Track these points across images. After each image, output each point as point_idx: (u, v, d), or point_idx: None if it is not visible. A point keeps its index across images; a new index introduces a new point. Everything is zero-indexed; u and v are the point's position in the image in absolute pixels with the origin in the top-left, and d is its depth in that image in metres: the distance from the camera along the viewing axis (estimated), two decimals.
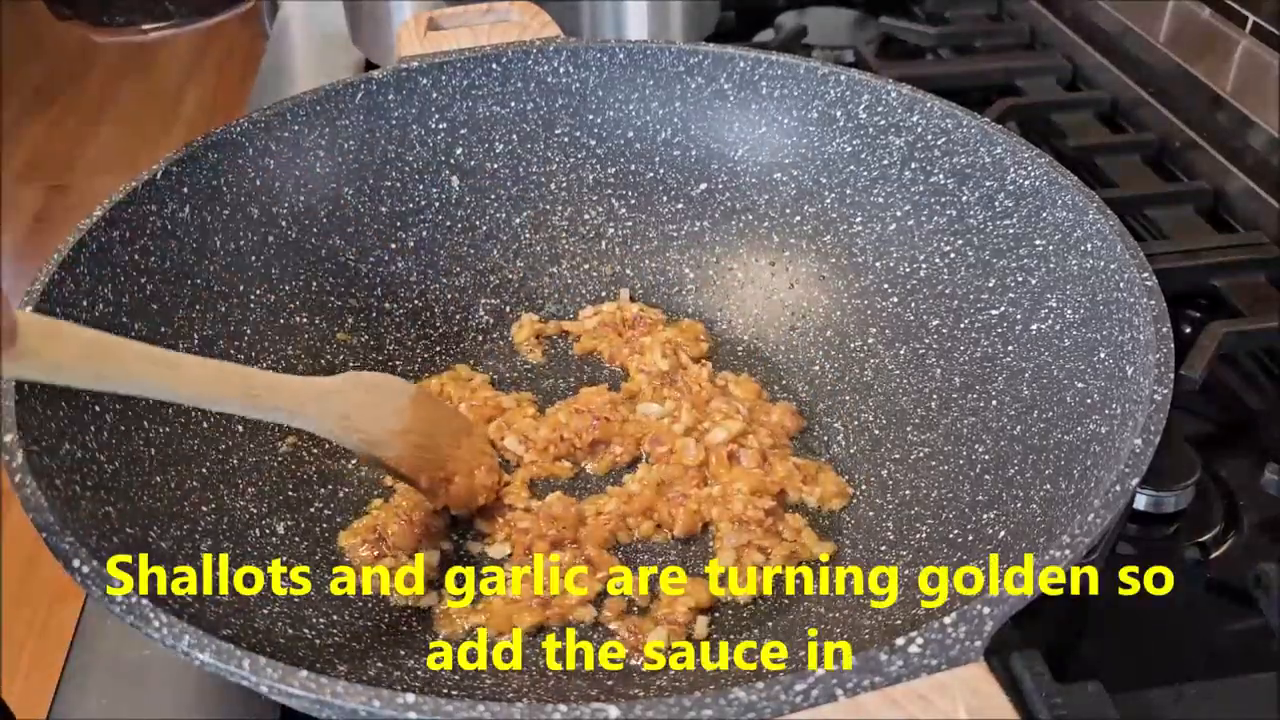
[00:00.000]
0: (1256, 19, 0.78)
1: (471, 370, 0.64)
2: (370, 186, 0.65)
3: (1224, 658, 0.52)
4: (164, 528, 0.47)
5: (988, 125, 0.58)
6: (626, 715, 0.32)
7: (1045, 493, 0.47)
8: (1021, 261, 0.56)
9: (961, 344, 0.58)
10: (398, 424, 0.52)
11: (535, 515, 0.55)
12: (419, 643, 0.50)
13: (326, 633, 0.48)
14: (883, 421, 0.59)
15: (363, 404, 0.51)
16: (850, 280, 0.64)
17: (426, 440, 0.54)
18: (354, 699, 0.33)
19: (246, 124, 0.60)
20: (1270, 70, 0.76)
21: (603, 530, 0.54)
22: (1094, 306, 0.51)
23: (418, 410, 0.54)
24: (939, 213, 0.60)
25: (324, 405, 0.49)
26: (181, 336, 0.55)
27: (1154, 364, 0.45)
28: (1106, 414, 0.47)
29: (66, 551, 0.38)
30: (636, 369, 0.63)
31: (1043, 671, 0.44)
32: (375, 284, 0.65)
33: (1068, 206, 0.54)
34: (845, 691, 0.33)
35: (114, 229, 0.53)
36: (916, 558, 0.51)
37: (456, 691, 0.47)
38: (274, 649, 0.44)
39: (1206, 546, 0.57)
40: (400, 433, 0.52)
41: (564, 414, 0.60)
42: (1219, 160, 0.79)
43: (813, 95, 0.64)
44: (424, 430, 0.54)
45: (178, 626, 0.36)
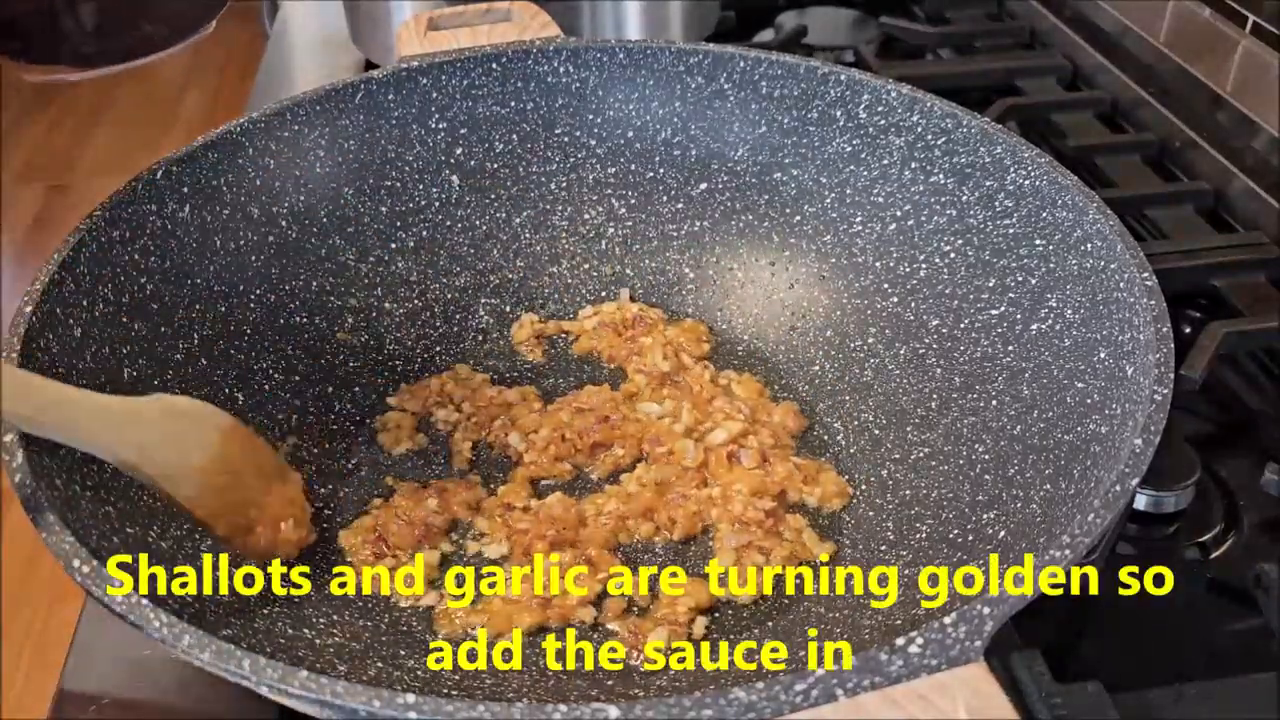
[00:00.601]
0: (1256, 19, 0.78)
1: (472, 370, 0.64)
2: (370, 186, 0.65)
3: (1224, 658, 0.52)
4: (164, 528, 0.47)
5: (988, 125, 0.58)
6: (626, 715, 0.32)
7: (1045, 493, 0.47)
8: (1021, 261, 0.56)
9: (961, 344, 0.58)
10: (200, 459, 0.48)
11: (535, 515, 0.55)
12: (419, 643, 0.50)
13: (326, 633, 0.48)
14: (883, 421, 0.59)
15: (166, 433, 0.47)
16: (850, 280, 0.64)
17: (230, 481, 0.49)
18: (354, 699, 0.33)
19: (246, 124, 0.60)
20: (1270, 70, 0.76)
21: (603, 532, 0.54)
22: (1094, 306, 0.51)
23: (227, 446, 0.50)
24: (939, 213, 0.60)
25: (119, 432, 0.45)
26: (181, 336, 0.55)
27: (1154, 364, 0.45)
28: (1106, 414, 0.47)
29: (66, 551, 0.38)
30: (635, 370, 0.63)
31: (1043, 671, 0.44)
32: (375, 284, 0.65)
33: (1068, 206, 0.54)
34: (845, 691, 0.33)
35: (114, 229, 0.53)
36: (916, 558, 0.51)
37: (456, 691, 0.47)
38: (274, 649, 0.44)
39: (1206, 546, 0.57)
40: (200, 469, 0.48)
41: (566, 413, 0.60)
42: (1219, 160, 0.79)
43: (813, 95, 0.64)
44: (230, 470, 0.49)
45: (178, 626, 0.36)
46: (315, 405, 0.60)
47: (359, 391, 0.62)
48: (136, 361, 0.52)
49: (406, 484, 0.57)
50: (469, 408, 0.61)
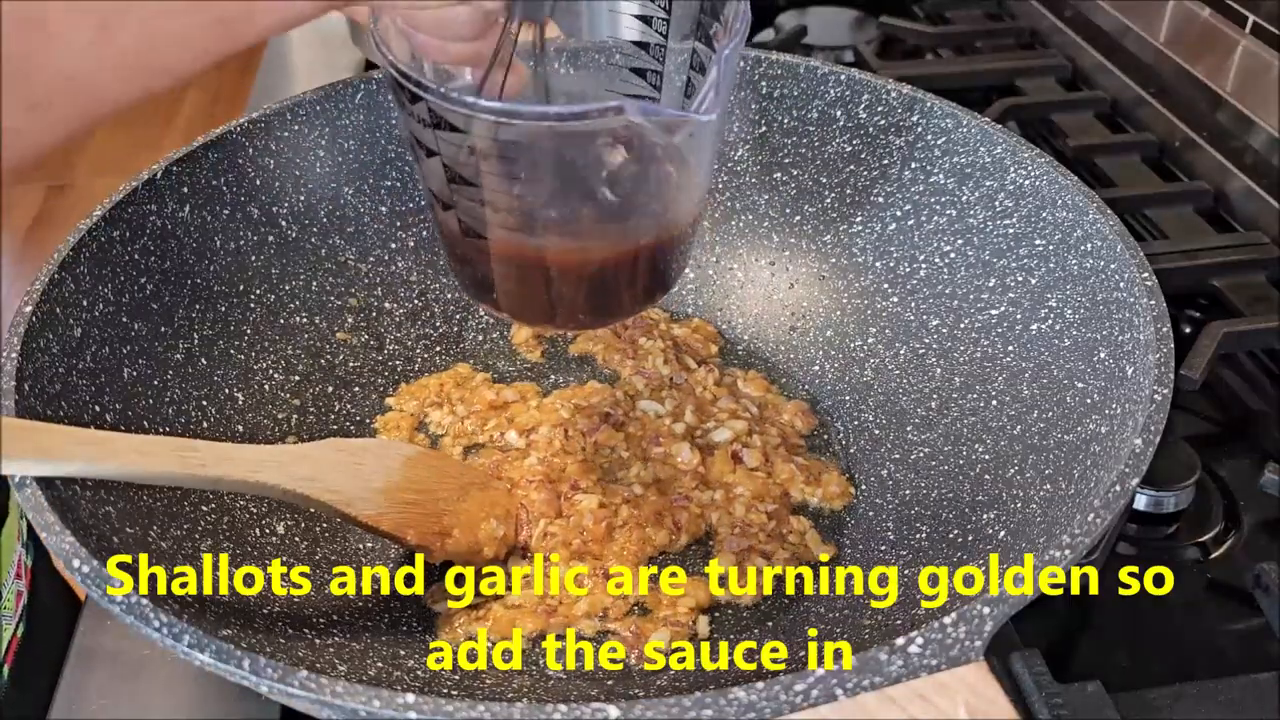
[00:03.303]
0: (1256, 19, 0.78)
1: (472, 370, 0.64)
2: (370, 186, 0.65)
3: (1224, 658, 0.52)
4: (164, 528, 0.47)
5: (988, 125, 0.58)
6: (626, 715, 0.32)
7: (1045, 493, 0.47)
8: (1021, 261, 0.56)
9: (961, 344, 0.58)
10: (382, 483, 0.50)
11: (565, 522, 0.55)
12: (419, 643, 0.50)
13: (326, 633, 0.48)
14: (883, 421, 0.59)
15: (340, 464, 0.49)
16: (850, 280, 0.64)
17: (419, 497, 0.52)
18: (354, 699, 0.33)
19: (246, 124, 0.60)
20: (1270, 70, 0.76)
21: (630, 547, 0.54)
22: (1094, 306, 0.51)
23: (412, 471, 0.52)
24: (939, 213, 0.60)
25: (286, 470, 0.47)
26: (181, 336, 0.55)
27: (1154, 364, 0.45)
28: (1106, 414, 0.47)
29: (66, 551, 0.38)
30: (632, 372, 0.63)
31: (1043, 671, 0.44)
32: (375, 284, 0.65)
33: (1068, 206, 0.54)
34: (845, 691, 0.33)
35: (114, 229, 0.53)
36: (916, 558, 0.51)
37: (456, 691, 0.47)
38: (274, 649, 0.44)
39: (1206, 546, 0.57)
40: (383, 491, 0.50)
41: (566, 410, 0.60)
42: (1219, 160, 0.79)
43: (813, 95, 0.64)
44: (417, 489, 0.52)
45: (178, 626, 0.36)
46: (315, 405, 0.60)
47: (359, 391, 0.62)
48: (136, 361, 0.52)
49: None
50: (463, 409, 0.61)
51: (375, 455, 0.51)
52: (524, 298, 0.47)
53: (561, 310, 0.47)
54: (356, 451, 0.50)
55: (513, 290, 0.47)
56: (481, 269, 0.46)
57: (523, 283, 0.46)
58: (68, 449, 0.41)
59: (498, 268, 0.45)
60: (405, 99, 0.41)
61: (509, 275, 0.46)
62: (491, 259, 0.45)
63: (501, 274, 0.46)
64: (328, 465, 0.48)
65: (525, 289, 0.46)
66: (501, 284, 0.46)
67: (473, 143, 0.41)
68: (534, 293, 0.46)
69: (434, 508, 0.52)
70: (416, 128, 0.42)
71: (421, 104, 0.40)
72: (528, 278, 0.46)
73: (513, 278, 0.46)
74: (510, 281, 0.46)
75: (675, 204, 0.46)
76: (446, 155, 0.42)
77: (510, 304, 0.47)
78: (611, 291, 0.47)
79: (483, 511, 0.53)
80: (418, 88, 0.40)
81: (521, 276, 0.46)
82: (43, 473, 0.40)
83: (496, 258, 0.45)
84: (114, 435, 0.43)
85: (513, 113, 0.39)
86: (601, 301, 0.48)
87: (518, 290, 0.47)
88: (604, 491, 0.56)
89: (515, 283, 0.46)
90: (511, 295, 0.47)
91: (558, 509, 0.55)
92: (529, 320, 0.57)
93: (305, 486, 0.47)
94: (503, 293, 0.47)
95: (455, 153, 0.42)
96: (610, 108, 0.38)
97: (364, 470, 0.50)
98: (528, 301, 0.47)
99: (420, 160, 0.44)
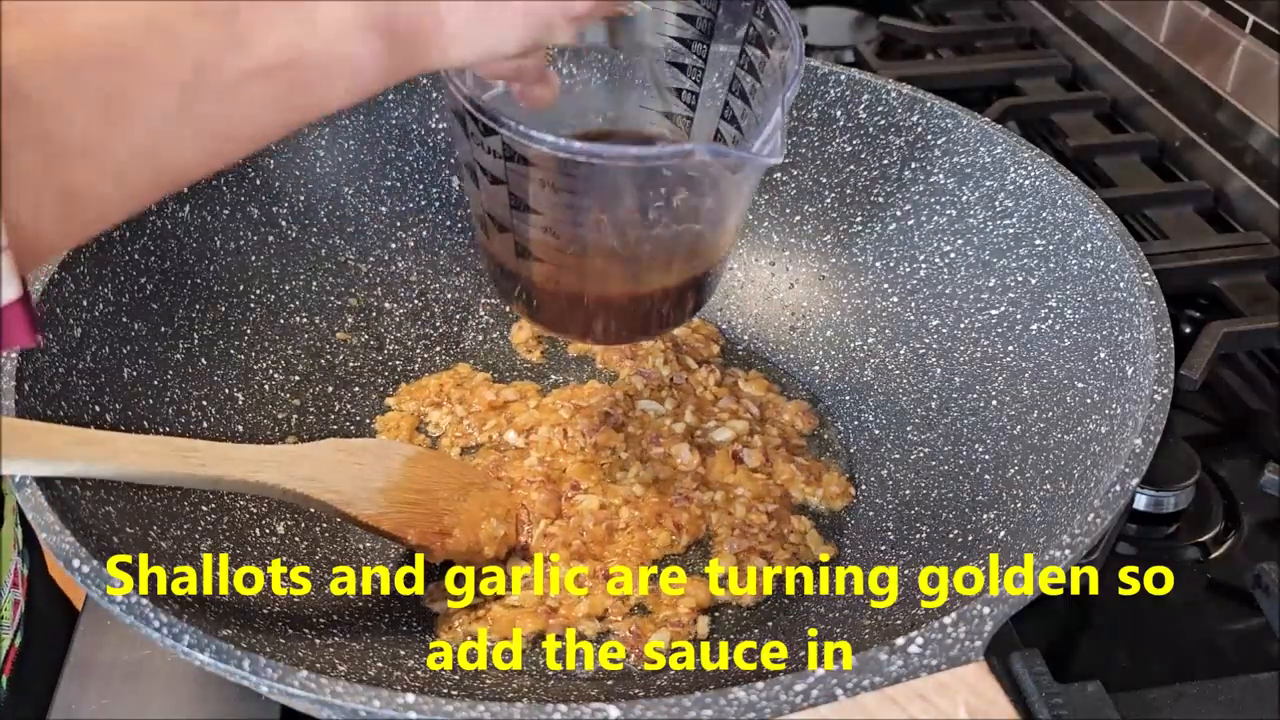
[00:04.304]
0: (1256, 19, 0.78)
1: (471, 370, 0.64)
2: (370, 186, 0.65)
3: (1224, 658, 0.52)
4: (164, 528, 0.47)
5: (988, 125, 0.58)
6: (626, 715, 0.32)
7: (1045, 493, 0.47)
8: (1021, 261, 0.56)
9: (961, 344, 0.58)
10: (383, 483, 0.50)
11: (565, 523, 0.55)
12: (419, 643, 0.50)
13: (326, 633, 0.48)
14: (883, 421, 0.59)
15: (339, 464, 0.49)
16: (850, 280, 0.64)
17: (419, 497, 0.51)
18: (354, 699, 0.33)
19: None
20: (1270, 70, 0.76)
21: (633, 547, 0.54)
22: (1094, 306, 0.51)
23: (412, 470, 0.52)
24: (939, 213, 0.60)
25: (286, 470, 0.47)
26: (181, 336, 0.55)
27: (1154, 364, 0.45)
28: (1106, 414, 0.47)
29: (66, 551, 0.38)
30: (632, 372, 0.63)
31: (1043, 671, 0.44)
32: (375, 284, 0.65)
33: (1068, 206, 0.54)
34: (845, 691, 0.33)
35: (114, 229, 0.53)
36: (916, 558, 0.51)
37: (456, 691, 0.47)
38: (274, 649, 0.44)
39: (1206, 546, 0.57)
40: (383, 491, 0.50)
41: (566, 410, 0.60)
42: (1219, 160, 0.79)
43: (813, 95, 0.64)
44: (417, 489, 0.52)
45: (178, 626, 0.36)
46: (315, 405, 0.60)
47: (359, 391, 0.62)
48: (136, 361, 0.52)
49: None
50: (463, 409, 0.61)
51: (375, 455, 0.51)
52: (568, 314, 0.48)
53: (600, 327, 0.49)
54: (357, 451, 0.50)
55: (558, 307, 0.48)
56: (528, 286, 0.47)
57: (570, 301, 0.48)
58: (68, 449, 0.41)
59: (547, 286, 0.47)
60: (476, 130, 0.41)
61: (557, 294, 0.47)
62: (543, 279, 0.46)
63: (549, 292, 0.47)
64: (328, 465, 0.48)
65: (571, 306, 0.48)
66: (547, 300, 0.48)
67: (543, 175, 0.42)
68: (579, 310, 0.48)
69: (434, 508, 0.52)
70: (485, 158, 0.42)
71: (496, 137, 0.41)
72: (576, 298, 0.47)
73: (561, 296, 0.47)
74: (558, 300, 0.47)
75: (725, 233, 0.48)
76: (514, 184, 0.42)
77: (550, 318, 0.49)
78: (654, 312, 0.49)
79: (483, 511, 0.53)
80: (493, 122, 0.40)
81: (570, 296, 0.47)
82: (43, 473, 0.40)
83: (547, 278, 0.46)
84: (114, 435, 0.43)
85: (593, 153, 0.40)
86: (642, 322, 0.50)
87: (564, 307, 0.48)
88: (604, 492, 0.56)
89: (563, 300, 0.48)
90: (555, 311, 0.48)
91: (558, 509, 0.55)
92: (568, 333, 0.59)
93: (305, 486, 0.47)
94: (546, 308, 0.48)
95: (523, 183, 0.42)
96: (684, 150, 0.40)
97: (364, 470, 0.50)
98: (571, 317, 0.49)
99: (481, 186, 0.44)
